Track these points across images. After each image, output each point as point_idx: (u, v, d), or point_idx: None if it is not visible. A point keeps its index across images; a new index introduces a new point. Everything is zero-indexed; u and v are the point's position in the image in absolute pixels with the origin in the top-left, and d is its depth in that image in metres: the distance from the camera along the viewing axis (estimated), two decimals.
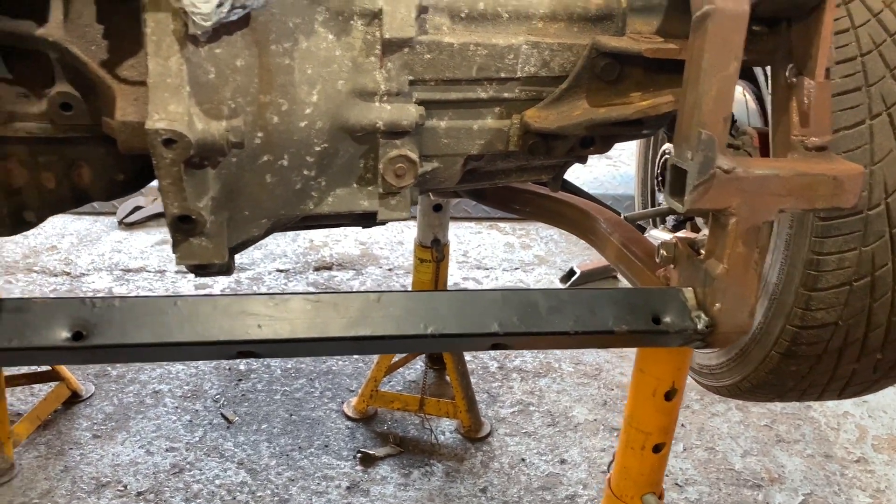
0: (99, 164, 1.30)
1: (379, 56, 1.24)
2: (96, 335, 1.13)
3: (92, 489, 2.43)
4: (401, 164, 1.31)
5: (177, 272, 3.82)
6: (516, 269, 4.01)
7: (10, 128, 1.18)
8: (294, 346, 1.20)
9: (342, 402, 2.88)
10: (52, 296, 3.50)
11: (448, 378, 2.96)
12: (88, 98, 1.18)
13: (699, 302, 1.29)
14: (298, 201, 1.33)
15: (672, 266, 1.39)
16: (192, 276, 3.76)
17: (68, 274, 3.73)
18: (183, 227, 1.16)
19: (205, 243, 1.21)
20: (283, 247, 4.13)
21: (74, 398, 2.81)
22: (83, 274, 3.74)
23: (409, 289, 3.74)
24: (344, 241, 4.24)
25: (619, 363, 3.21)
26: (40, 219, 1.35)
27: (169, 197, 1.11)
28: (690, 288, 1.30)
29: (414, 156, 1.31)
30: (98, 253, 3.94)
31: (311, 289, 3.75)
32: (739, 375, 1.98)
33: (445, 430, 2.78)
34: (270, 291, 3.68)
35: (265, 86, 1.16)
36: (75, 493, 2.41)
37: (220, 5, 0.99)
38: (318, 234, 4.28)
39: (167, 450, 2.61)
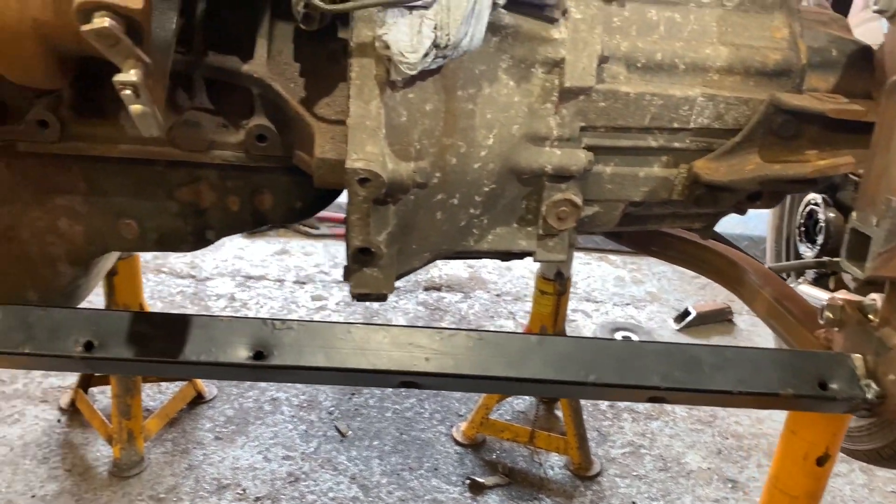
0: (281, 192, 1.37)
1: (555, 103, 1.26)
2: (275, 356, 1.19)
3: (213, 489, 2.54)
4: (564, 207, 1.33)
5: (294, 282, 3.96)
6: (627, 304, 3.95)
7: (209, 155, 1.27)
8: (456, 382, 1.23)
9: (451, 426, 2.91)
10: (181, 303, 3.69)
11: (557, 412, 2.95)
12: (282, 131, 1.25)
13: (869, 370, 1.24)
14: (461, 237, 1.36)
15: (836, 329, 1.35)
16: (309, 286, 3.89)
17: (194, 277, 3.92)
18: (362, 259, 1.22)
19: (376, 274, 1.26)
20: None
21: (199, 399, 2.94)
22: (208, 278, 3.92)
23: (516, 316, 3.75)
24: (452, 262, 4.29)
25: (735, 411, 3.11)
26: (218, 238, 1.44)
27: (354, 230, 1.16)
28: (860, 355, 1.26)
29: (578, 200, 1.33)
30: (221, 258, 4.12)
31: (421, 308, 3.80)
32: (882, 442, 1.89)
33: (554, 465, 2.76)
34: (381, 307, 3.76)
35: (448, 129, 1.20)
36: (198, 492, 2.52)
37: (425, 56, 1.03)
38: None
39: (284, 458, 2.70)
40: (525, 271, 4.17)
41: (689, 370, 1.21)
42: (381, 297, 1.38)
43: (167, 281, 3.86)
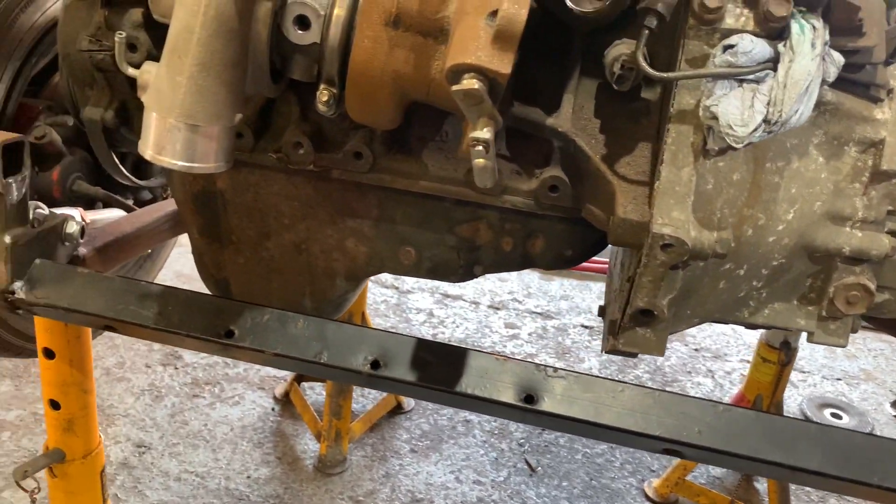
0: (554, 239, 1.40)
1: (864, 183, 1.20)
2: (543, 402, 1.22)
3: (407, 501, 2.63)
4: (855, 291, 1.26)
5: (489, 307, 4.03)
6: (838, 379, 3.67)
7: (500, 199, 1.32)
8: (725, 459, 1.20)
9: (643, 480, 2.83)
10: (385, 312, 3.87)
11: (756, 485, 2.79)
12: (573, 184, 1.29)
13: None
14: (736, 308, 1.33)
15: None
16: (502, 312, 3.95)
17: (397, 288, 4.10)
18: (641, 319, 1.22)
19: (649, 335, 1.26)
20: (589, 303, 4.18)
21: (398, 409, 3.07)
22: (409, 291, 4.09)
23: (715, 375, 3.59)
24: None
25: None
26: (483, 273, 1.49)
27: (641, 291, 1.17)
28: None
29: (872, 285, 1.25)
30: None
31: None
32: None
33: None
34: (573, 345, 3.74)
35: (751, 200, 1.18)
36: (393, 501, 2.63)
37: (754, 130, 1.02)
38: None
39: (474, 482, 2.75)
40: (726, 328, 3.99)
41: None
42: (634, 355, 1.38)
43: (372, 289, 4.06)
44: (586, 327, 3.93)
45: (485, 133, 0.92)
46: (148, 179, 2.05)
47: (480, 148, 0.92)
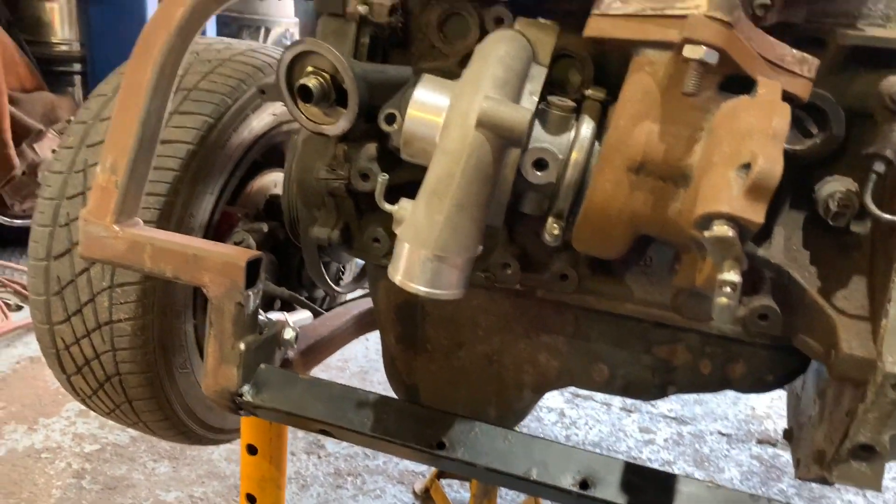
0: (755, 364, 1.42)
1: None
2: None
3: None
4: None
5: (621, 409, 3.97)
6: None
7: (706, 324, 1.36)
8: None
9: None
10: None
11: None
12: (784, 313, 1.31)
13: None
14: None
15: None
16: (636, 415, 3.88)
17: None
18: (859, 454, 1.21)
19: (865, 469, 1.24)
20: (724, 408, 4.05)
21: None
22: None
23: (868, 495, 3.38)
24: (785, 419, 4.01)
25: None
26: (677, 393, 1.52)
27: (865, 427, 1.16)
28: None
29: None
30: None
31: (755, 463, 3.60)
32: None
33: None
34: (711, 453, 3.62)
35: None
36: None
37: None
38: (760, 402, 4.13)
39: None
40: None
41: None
42: (831, 483, 1.36)
43: None
44: (723, 434, 3.80)
45: (732, 276, 0.97)
46: (337, 284, 2.19)
47: (728, 289, 0.97)
